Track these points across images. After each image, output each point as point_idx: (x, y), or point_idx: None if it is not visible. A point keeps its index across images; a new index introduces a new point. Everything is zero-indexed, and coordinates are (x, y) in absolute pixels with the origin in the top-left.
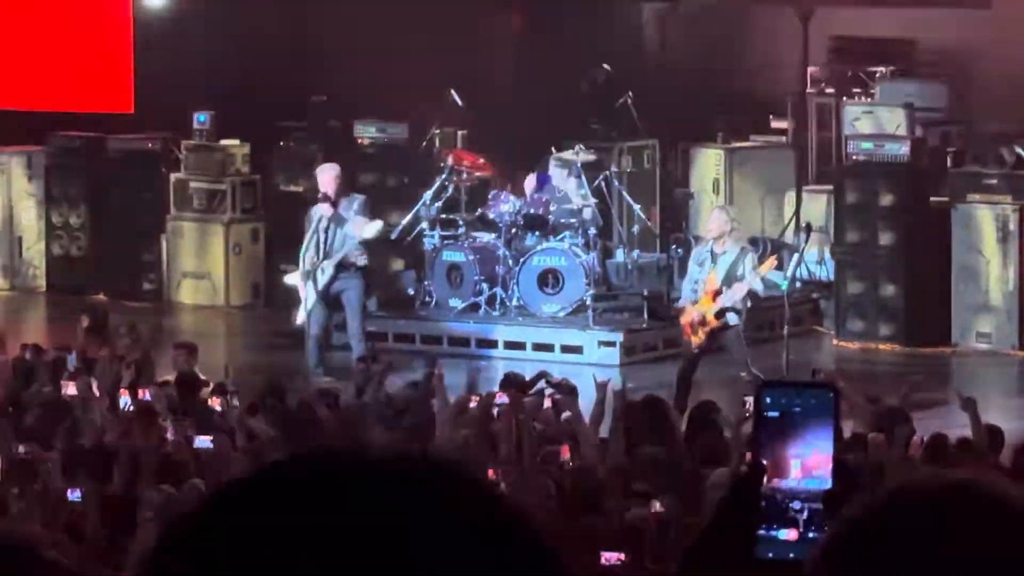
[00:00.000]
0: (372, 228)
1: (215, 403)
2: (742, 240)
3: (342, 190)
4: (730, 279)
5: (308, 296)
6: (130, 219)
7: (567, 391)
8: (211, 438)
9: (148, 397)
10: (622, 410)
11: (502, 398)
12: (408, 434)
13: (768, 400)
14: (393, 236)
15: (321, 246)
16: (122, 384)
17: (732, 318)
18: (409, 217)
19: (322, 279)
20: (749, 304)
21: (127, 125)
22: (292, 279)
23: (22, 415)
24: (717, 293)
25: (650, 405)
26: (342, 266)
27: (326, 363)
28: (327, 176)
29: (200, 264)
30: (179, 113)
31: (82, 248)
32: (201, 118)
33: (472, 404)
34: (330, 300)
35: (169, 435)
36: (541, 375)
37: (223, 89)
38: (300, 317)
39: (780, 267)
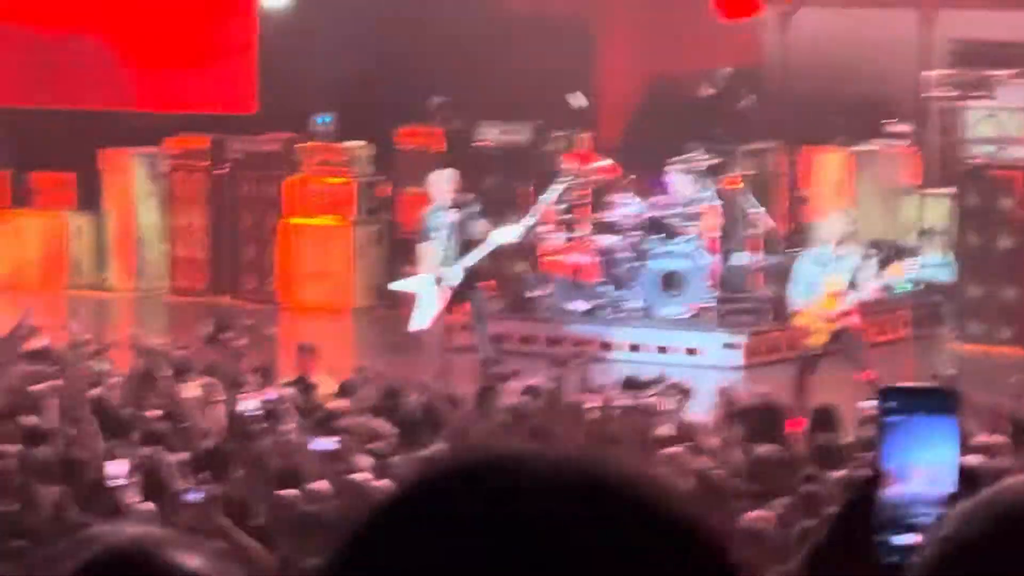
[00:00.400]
0: (509, 232)
1: (338, 405)
2: (862, 243)
3: (460, 195)
4: (852, 282)
5: (428, 300)
6: (251, 220)
7: (684, 393)
8: (335, 439)
9: (270, 399)
10: (740, 413)
11: (623, 399)
12: (530, 438)
13: (889, 404)
14: (516, 238)
15: (443, 252)
16: (244, 387)
17: (852, 321)
18: (532, 219)
19: (449, 283)
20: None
21: (249, 126)
22: (404, 285)
23: (144, 417)
24: (839, 295)
25: (768, 408)
26: (467, 270)
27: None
28: (445, 181)
29: (321, 266)
30: (301, 114)
31: (203, 250)
32: (323, 119)
33: (591, 405)
34: (452, 304)
35: (292, 437)
36: (660, 377)
37: (346, 90)
38: (417, 321)
39: (901, 271)
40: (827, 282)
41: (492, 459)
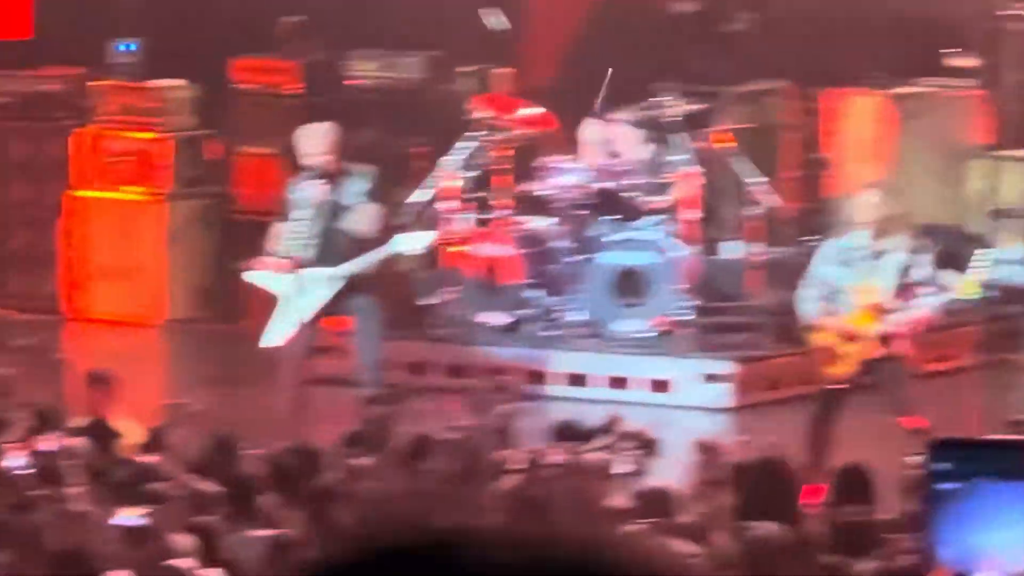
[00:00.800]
0: (415, 240)
1: (148, 460)
2: (911, 229)
3: (339, 161)
4: (899, 289)
5: (287, 309)
6: (21, 192)
7: (647, 446)
8: (144, 509)
9: (50, 450)
10: (730, 475)
11: (555, 455)
12: (424, 509)
13: (943, 464)
14: (402, 221)
15: (315, 246)
16: (10, 433)
17: (895, 345)
18: (426, 194)
19: (316, 292)
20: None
21: (21, 57)
22: (261, 278)
23: None
24: (878, 309)
25: (770, 468)
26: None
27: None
28: (317, 141)
29: (122, 259)
30: (95, 41)
31: None
32: (125, 46)
33: (513, 464)
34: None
35: (81, 506)
36: (612, 423)
37: (158, 6)
38: (271, 334)
39: (971, 283)
40: (859, 288)
41: (431, 541)
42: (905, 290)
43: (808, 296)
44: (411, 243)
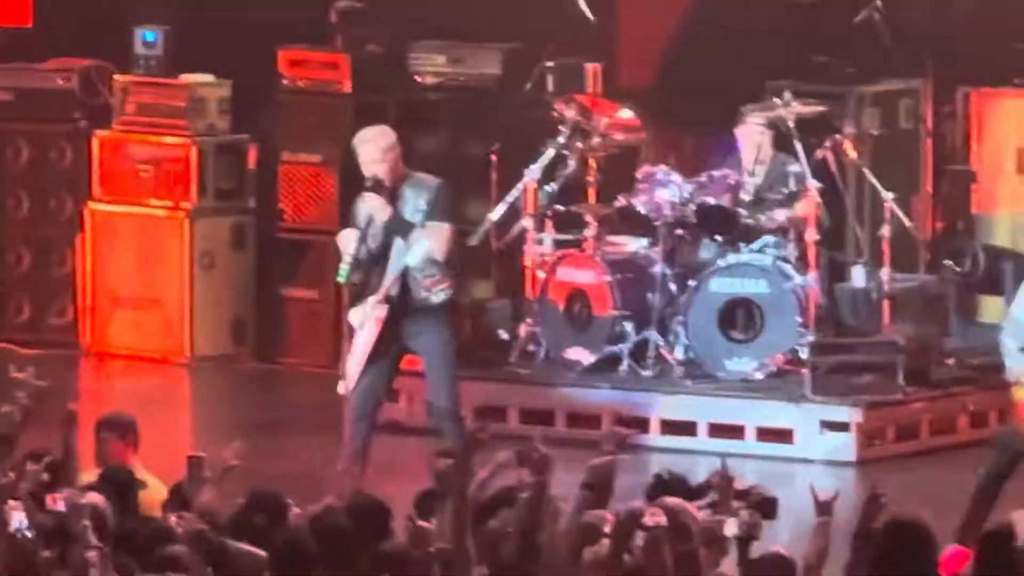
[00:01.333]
0: (417, 249)
1: (172, 521)
2: None
3: (402, 170)
4: None
5: (360, 345)
6: (29, 205)
7: (763, 505)
8: None
9: (60, 509)
10: (859, 540)
11: (655, 515)
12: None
13: None
14: (473, 242)
15: (369, 269)
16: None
17: None
18: (502, 210)
19: (370, 322)
20: None
21: (24, 48)
22: (354, 316)
23: None
24: None
25: (907, 532)
26: (409, 301)
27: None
28: (375, 147)
29: (141, 288)
30: (112, 29)
31: None
32: (147, 35)
33: (606, 523)
34: (390, 356)
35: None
36: (720, 477)
37: None
38: (349, 379)
39: None
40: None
41: None
42: None
43: (1008, 345)
44: (415, 254)
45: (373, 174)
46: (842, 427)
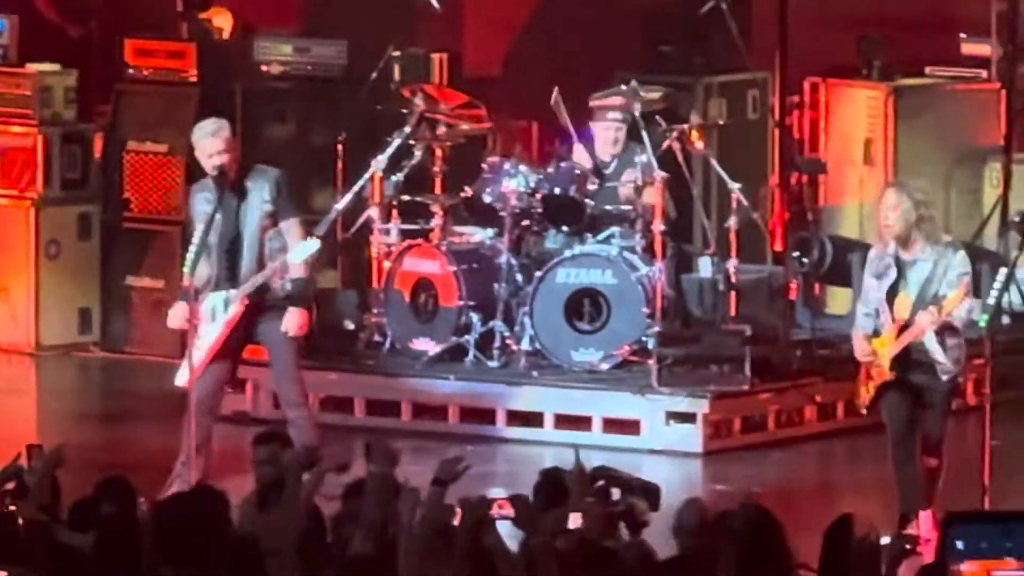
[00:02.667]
0: (302, 249)
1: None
2: (940, 233)
3: (238, 162)
4: (924, 301)
5: (207, 339)
6: None
7: (648, 494)
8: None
9: None
10: (709, 528)
11: (503, 508)
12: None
13: (959, 543)
14: (319, 232)
15: (215, 261)
16: None
17: (940, 369)
18: (348, 199)
19: (220, 316)
20: (961, 349)
21: None
22: (176, 315)
23: None
24: (904, 327)
25: (758, 519)
26: (259, 295)
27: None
28: (220, 140)
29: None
30: None
31: None
32: None
33: (455, 516)
34: (232, 349)
35: None
36: (604, 474)
37: None
38: (189, 370)
39: (976, 292)
40: (895, 304)
41: None
42: (926, 304)
43: (862, 319)
44: (300, 252)
45: (218, 165)
46: (689, 418)
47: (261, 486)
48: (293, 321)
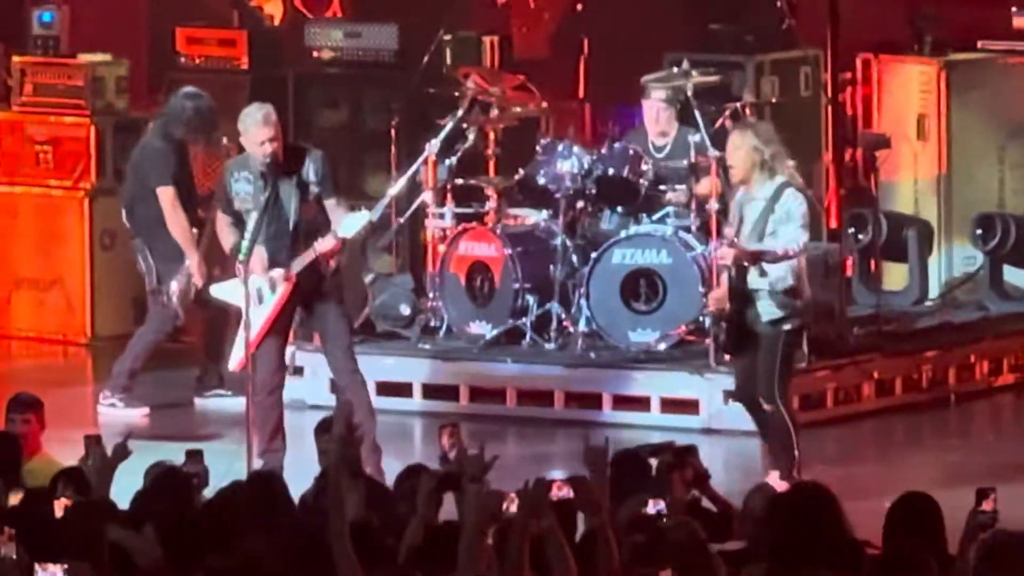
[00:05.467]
0: (353, 222)
1: (60, 505)
2: (781, 173)
3: (286, 146)
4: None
5: (257, 319)
6: None
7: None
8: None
9: None
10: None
11: (561, 488)
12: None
13: None
14: (374, 217)
15: (262, 242)
16: None
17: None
18: (402, 183)
19: (271, 296)
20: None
21: None
22: (224, 291)
23: None
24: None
25: (812, 495)
26: (308, 273)
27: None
28: (265, 128)
29: (42, 269)
30: (8, 11)
31: None
32: (45, 17)
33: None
34: (286, 329)
35: None
36: (667, 447)
37: None
38: (238, 356)
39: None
40: None
41: None
42: None
43: None
44: (351, 226)
45: (269, 152)
46: None
47: (322, 474)
48: (326, 244)
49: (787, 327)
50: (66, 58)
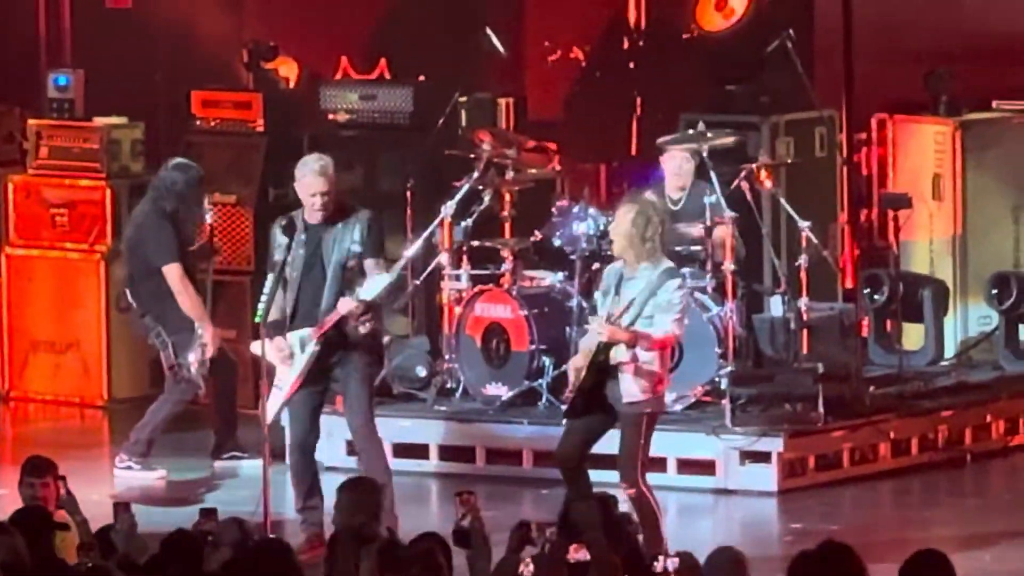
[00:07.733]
0: (374, 284)
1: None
2: (661, 256)
3: (338, 203)
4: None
5: (287, 378)
6: None
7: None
8: None
9: None
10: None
11: (578, 551)
12: None
13: None
14: (391, 279)
15: (293, 297)
16: None
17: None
18: (418, 246)
19: (301, 355)
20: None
21: None
22: (259, 348)
23: None
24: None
25: (834, 558)
26: (335, 333)
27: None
28: (320, 180)
29: (58, 331)
30: (26, 70)
31: None
32: (60, 80)
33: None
34: (319, 389)
35: None
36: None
37: (97, 35)
38: (274, 410)
39: None
40: None
41: None
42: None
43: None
44: (371, 288)
45: (320, 205)
46: (763, 457)
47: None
48: (347, 304)
49: (648, 410)
50: (82, 121)
